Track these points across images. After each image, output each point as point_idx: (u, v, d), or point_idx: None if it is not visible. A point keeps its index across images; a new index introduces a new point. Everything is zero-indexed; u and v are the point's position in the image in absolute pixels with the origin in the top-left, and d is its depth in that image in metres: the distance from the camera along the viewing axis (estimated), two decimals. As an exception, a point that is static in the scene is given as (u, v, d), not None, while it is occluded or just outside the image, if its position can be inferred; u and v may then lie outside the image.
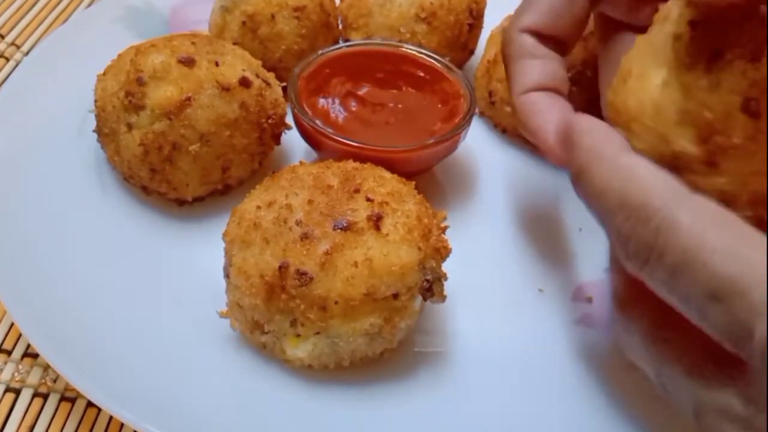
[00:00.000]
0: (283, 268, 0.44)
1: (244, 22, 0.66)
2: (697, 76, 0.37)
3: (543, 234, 0.60)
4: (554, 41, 0.50)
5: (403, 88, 0.62)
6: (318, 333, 0.45)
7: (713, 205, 0.34)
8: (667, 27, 0.39)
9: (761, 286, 0.30)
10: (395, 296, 0.45)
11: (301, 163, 0.52)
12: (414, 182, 0.52)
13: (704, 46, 0.37)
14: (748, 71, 0.35)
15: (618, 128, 0.40)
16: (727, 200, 0.36)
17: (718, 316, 0.31)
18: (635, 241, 0.34)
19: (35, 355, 0.53)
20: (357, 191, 0.47)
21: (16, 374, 0.52)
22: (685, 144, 0.37)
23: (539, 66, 0.48)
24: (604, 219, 0.37)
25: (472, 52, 0.73)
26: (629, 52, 0.42)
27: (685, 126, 0.37)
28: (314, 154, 0.62)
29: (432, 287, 0.47)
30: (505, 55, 0.51)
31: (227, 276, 0.48)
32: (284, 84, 0.62)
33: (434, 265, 0.47)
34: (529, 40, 0.49)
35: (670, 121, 0.38)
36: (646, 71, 0.40)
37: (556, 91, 0.48)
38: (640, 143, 0.39)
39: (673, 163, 0.38)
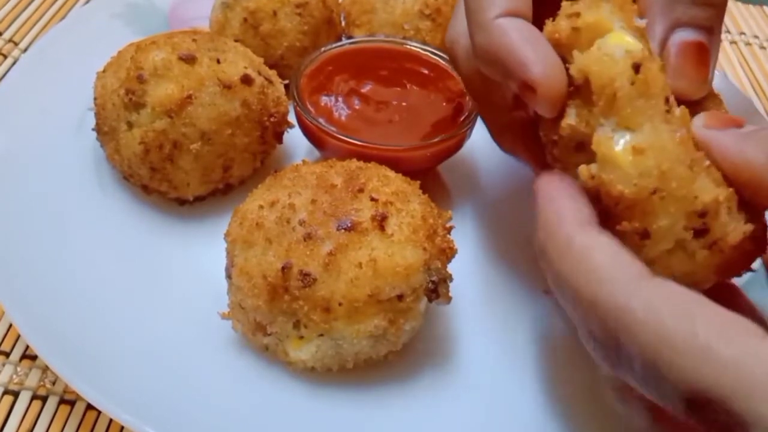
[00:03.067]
0: (286, 269, 0.44)
1: (245, 19, 0.66)
2: None
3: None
4: None
5: (407, 86, 0.62)
6: (321, 335, 0.45)
7: (674, 286, 0.31)
8: None
9: (740, 391, 0.27)
10: (400, 297, 0.45)
11: (303, 162, 0.52)
12: (419, 182, 0.51)
13: None
14: None
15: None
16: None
17: (702, 421, 0.29)
18: (599, 345, 0.32)
19: (34, 357, 0.53)
20: (361, 191, 0.47)
21: (14, 376, 0.52)
22: None
23: None
24: (565, 307, 0.35)
25: (476, 50, 0.73)
26: None
27: None
28: (317, 153, 0.62)
29: (437, 288, 0.46)
30: None
31: (229, 277, 0.48)
32: (286, 82, 0.61)
33: (439, 265, 0.47)
34: None
35: None
36: None
37: (524, 17, 0.41)
38: None
39: None
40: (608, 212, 0.37)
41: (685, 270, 0.37)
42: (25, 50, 0.77)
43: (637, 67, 0.36)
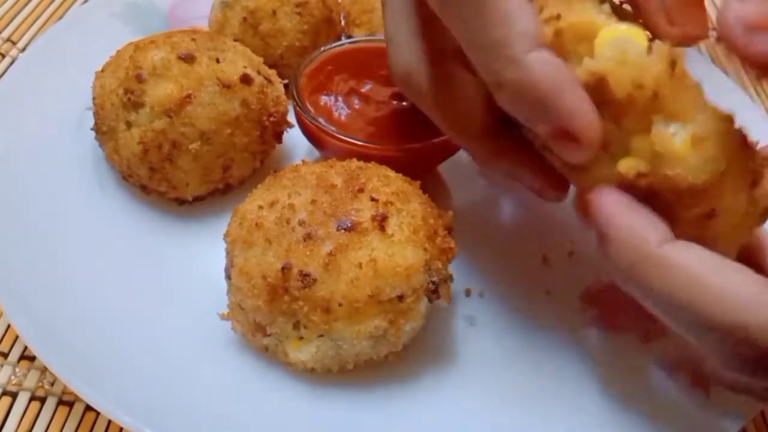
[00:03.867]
0: (285, 269, 0.44)
1: (245, 18, 0.65)
2: None
3: (550, 235, 0.60)
4: None
5: (407, 86, 0.61)
6: (321, 335, 0.45)
7: None
8: None
9: None
10: (400, 298, 0.45)
11: (303, 162, 0.52)
12: (419, 182, 0.51)
13: None
14: None
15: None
16: None
17: None
18: (750, 365, 0.32)
19: (32, 358, 0.53)
20: (361, 191, 0.47)
21: (12, 377, 0.52)
22: None
23: None
24: (678, 330, 0.35)
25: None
26: None
27: None
28: (316, 153, 0.62)
29: (438, 289, 0.46)
30: None
31: (228, 277, 0.47)
32: (286, 81, 0.61)
33: (440, 266, 0.46)
34: None
35: None
36: None
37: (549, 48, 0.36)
38: None
39: None
40: (667, 205, 0.37)
41: (746, 240, 0.38)
42: (24, 49, 0.77)
43: (672, 64, 0.35)
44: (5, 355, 0.53)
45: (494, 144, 0.45)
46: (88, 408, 0.50)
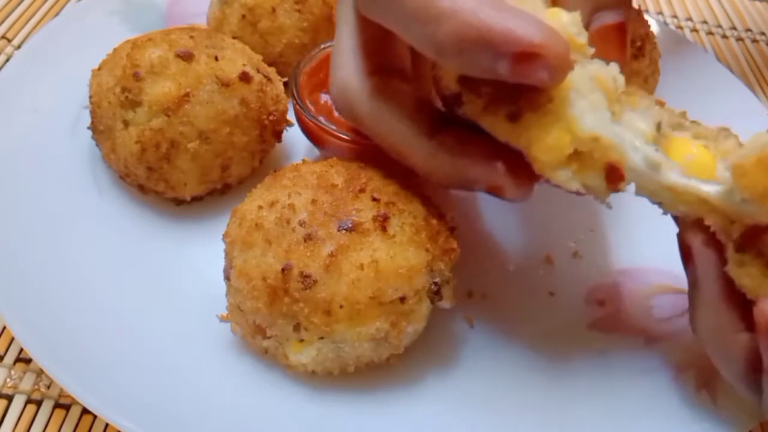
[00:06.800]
0: (286, 271, 0.43)
1: (243, 16, 0.65)
2: None
3: (553, 235, 0.59)
4: None
5: (408, 84, 0.61)
6: (322, 338, 0.45)
7: None
8: None
9: None
10: (402, 300, 0.44)
11: (303, 161, 0.51)
12: (421, 181, 0.50)
13: None
14: None
15: None
16: None
17: None
18: None
19: (28, 360, 0.52)
20: (362, 191, 0.46)
21: (8, 380, 0.51)
22: None
23: None
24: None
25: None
26: None
27: None
28: (316, 152, 0.61)
29: (440, 290, 0.46)
30: None
31: (228, 278, 0.47)
32: (285, 79, 0.61)
33: (442, 267, 0.46)
34: None
35: None
36: None
37: None
38: None
39: None
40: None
41: None
42: (19, 47, 0.76)
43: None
44: (1, 358, 0.52)
45: (436, 142, 0.44)
46: (85, 411, 0.50)
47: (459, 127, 0.43)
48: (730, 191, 0.37)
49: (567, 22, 0.37)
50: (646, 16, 0.54)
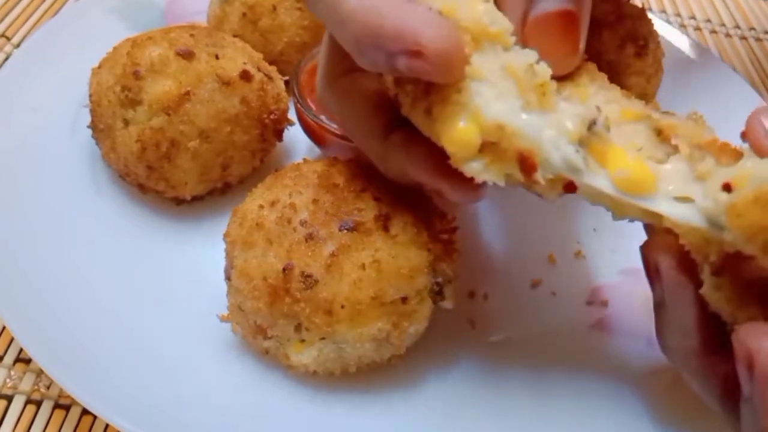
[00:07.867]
0: (287, 271, 0.43)
1: (244, 14, 0.65)
2: None
3: (556, 235, 0.59)
4: None
5: (410, 83, 0.61)
6: (323, 338, 0.44)
7: None
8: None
9: None
10: (404, 300, 0.44)
11: (305, 160, 0.51)
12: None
13: None
14: None
15: None
16: None
17: None
18: None
19: (28, 360, 0.52)
20: (364, 190, 0.46)
21: (8, 380, 0.51)
22: None
23: None
24: None
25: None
26: None
27: None
28: (318, 151, 0.61)
29: (442, 290, 0.46)
30: None
31: (228, 278, 0.47)
32: (286, 78, 0.61)
33: (444, 267, 0.46)
34: None
35: None
36: None
37: None
38: None
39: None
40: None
41: None
42: (18, 45, 0.76)
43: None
44: (0, 358, 0.52)
45: (388, 143, 0.44)
46: (85, 411, 0.49)
47: (411, 127, 0.41)
48: (710, 220, 0.34)
49: (480, 12, 0.35)
50: (649, 15, 0.53)
